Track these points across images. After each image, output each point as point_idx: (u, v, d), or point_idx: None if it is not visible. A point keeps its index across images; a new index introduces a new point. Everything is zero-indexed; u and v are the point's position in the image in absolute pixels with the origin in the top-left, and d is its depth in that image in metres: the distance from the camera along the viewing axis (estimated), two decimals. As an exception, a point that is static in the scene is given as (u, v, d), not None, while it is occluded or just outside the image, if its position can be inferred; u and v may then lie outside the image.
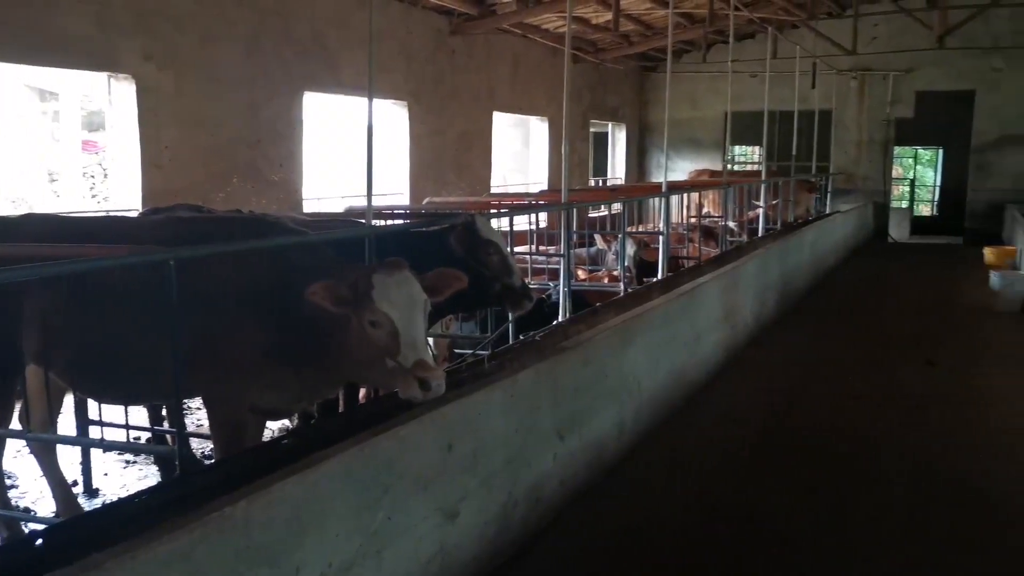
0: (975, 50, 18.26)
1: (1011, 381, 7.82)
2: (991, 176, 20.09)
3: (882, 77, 20.45)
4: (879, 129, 20.94)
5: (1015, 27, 18.01)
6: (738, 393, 7.41)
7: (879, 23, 18.91)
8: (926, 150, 26.59)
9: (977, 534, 4.62)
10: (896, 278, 14.90)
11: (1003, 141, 19.84)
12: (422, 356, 3.35)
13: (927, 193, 27.03)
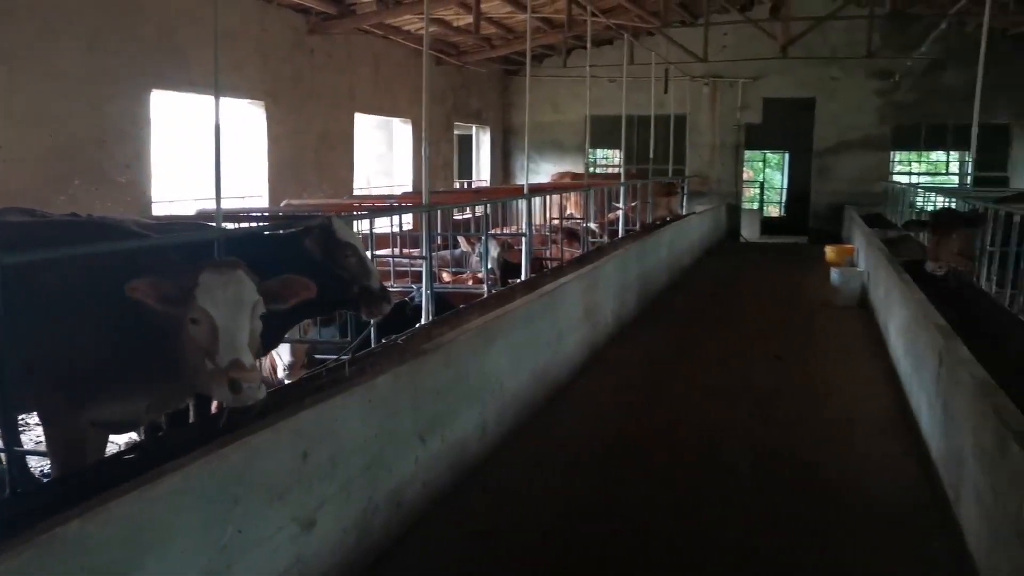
0: (815, 60, 19.39)
1: (848, 372, 8.32)
2: (831, 179, 21.40)
3: (732, 84, 21.42)
4: (730, 134, 21.92)
5: (850, 39, 19.21)
6: (599, 390, 7.57)
7: (728, 32, 19.79)
8: (774, 154, 27.98)
9: (820, 519, 4.88)
10: (747, 276, 15.62)
11: (841, 146, 21.18)
12: (239, 357, 3.21)
13: (775, 195, 28.43)
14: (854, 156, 21.11)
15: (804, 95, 21.13)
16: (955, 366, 4.89)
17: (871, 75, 20.47)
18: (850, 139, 21.07)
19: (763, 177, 28.60)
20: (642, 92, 16.31)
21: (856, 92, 20.75)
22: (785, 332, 10.30)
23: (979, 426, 4.10)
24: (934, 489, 5.12)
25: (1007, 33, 18.56)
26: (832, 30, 19.19)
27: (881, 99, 20.81)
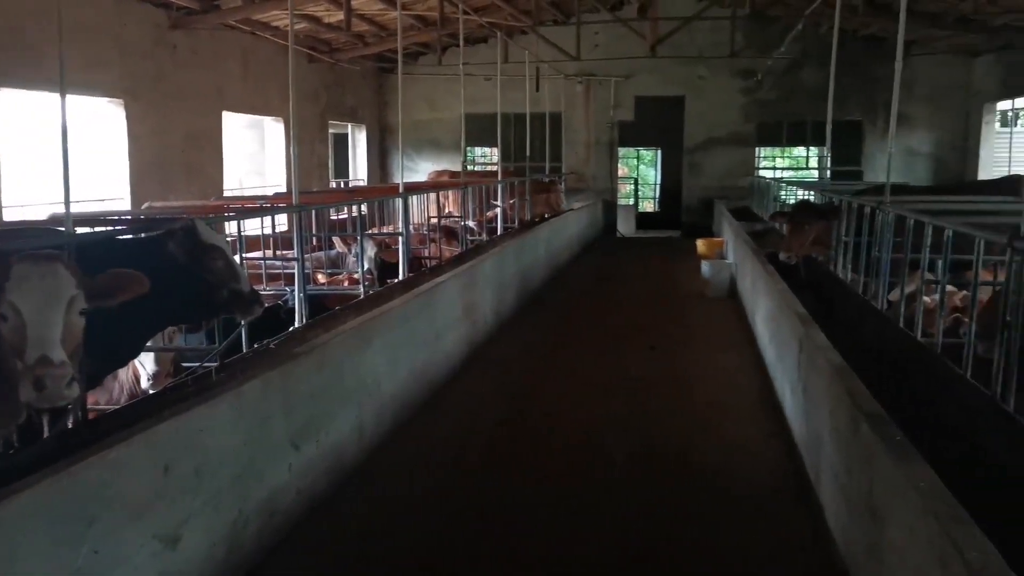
0: (683, 59, 20.02)
1: (719, 360, 8.61)
2: (701, 174, 22.16)
3: (605, 82, 21.85)
4: (604, 131, 22.38)
5: (715, 39, 19.89)
6: (479, 388, 7.58)
7: (600, 32, 20.19)
8: (647, 151, 28.74)
9: (692, 504, 5.03)
10: (624, 270, 15.98)
11: (710, 143, 21.96)
12: (47, 353, 2.99)
13: (650, 191, 29.22)
14: (722, 152, 21.93)
15: (674, 93, 21.79)
16: (813, 352, 5.13)
17: (735, 74, 21.29)
18: (718, 136, 21.87)
19: (637, 173, 29.34)
20: (518, 90, 16.44)
21: (722, 91, 21.56)
22: (660, 323, 10.59)
23: (835, 408, 4.31)
24: (797, 470, 5.36)
25: (858, 34, 19.65)
26: (698, 30, 19.84)
27: (745, 97, 21.67)
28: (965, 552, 2.33)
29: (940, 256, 5.55)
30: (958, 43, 18.52)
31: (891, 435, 3.37)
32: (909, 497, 2.86)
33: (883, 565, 3.20)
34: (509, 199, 14.78)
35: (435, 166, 21.34)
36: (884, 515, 3.21)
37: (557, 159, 22.13)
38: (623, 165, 31.13)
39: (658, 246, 20.42)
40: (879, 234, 7.04)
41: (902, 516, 2.97)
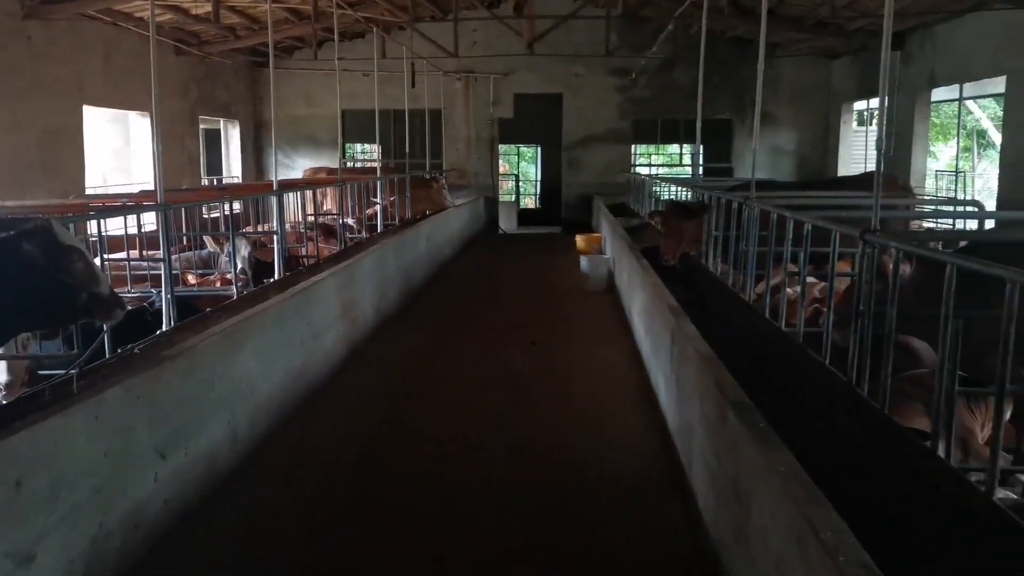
0: (561, 57, 20.30)
1: (597, 354, 8.77)
2: (580, 171, 22.54)
3: (484, 79, 21.92)
4: (485, 128, 22.45)
5: (591, 38, 20.27)
6: (359, 388, 7.47)
7: (478, 29, 20.26)
8: (528, 148, 29.01)
9: (571, 498, 5.08)
10: (506, 267, 16.08)
11: (588, 140, 22.35)
12: None
13: (531, 187, 29.52)
14: (600, 149, 22.36)
15: (552, 91, 22.08)
16: (684, 343, 5.28)
17: (611, 73, 21.74)
18: (595, 133, 22.29)
19: (518, 170, 29.58)
20: (397, 86, 16.31)
21: (599, 89, 21.98)
22: (540, 319, 10.70)
23: (704, 398, 4.45)
24: (671, 459, 5.51)
25: (726, 36, 20.39)
26: (575, 29, 20.15)
27: (621, 96, 22.16)
28: (820, 532, 2.44)
29: (802, 249, 5.81)
30: (818, 46, 19.47)
31: (755, 422, 3.50)
32: (771, 481, 2.98)
33: (749, 547, 3.33)
34: (389, 196, 14.65)
35: (313, 163, 20.93)
36: (749, 499, 3.34)
37: (438, 156, 22.06)
38: (504, 162, 31.33)
39: (539, 242, 20.63)
40: (746, 229, 7.33)
41: (765, 500, 3.09)
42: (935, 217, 9.61)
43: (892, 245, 4.12)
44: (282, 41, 19.86)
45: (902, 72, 16.59)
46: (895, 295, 4.06)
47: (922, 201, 9.82)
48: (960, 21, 14.30)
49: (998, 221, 8.81)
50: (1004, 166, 13.26)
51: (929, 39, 15.61)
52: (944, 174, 19.60)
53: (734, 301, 7.57)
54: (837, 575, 2.23)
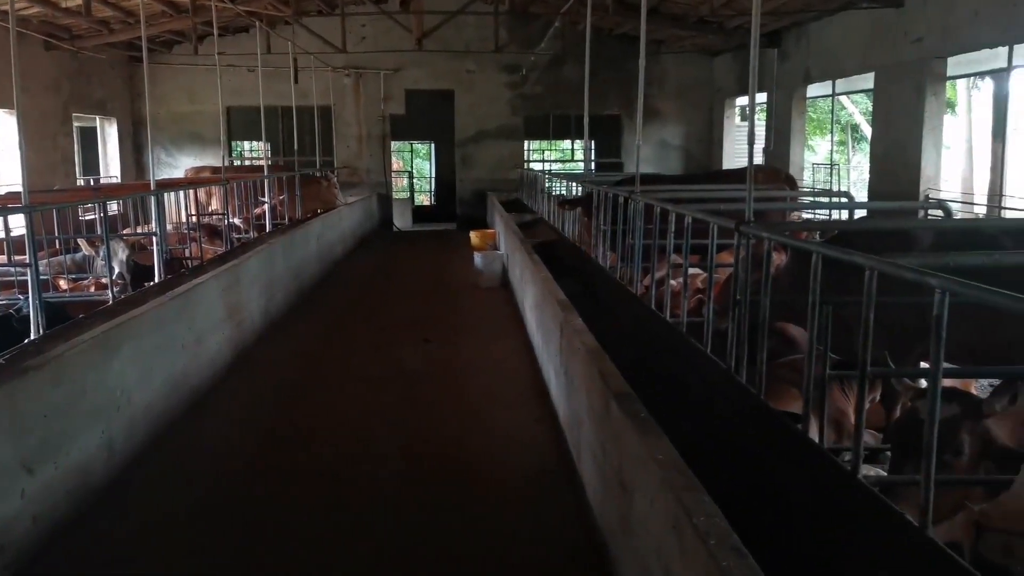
0: (451, 53, 20.23)
1: (491, 349, 8.79)
2: (474, 167, 22.54)
3: (374, 75, 21.66)
4: (376, 124, 22.18)
5: (481, 34, 20.29)
6: (248, 392, 7.28)
7: (367, 24, 20.01)
8: (422, 144, 28.84)
9: (463, 495, 5.08)
10: (400, 264, 15.95)
11: (480, 136, 22.37)
12: None
13: (426, 184, 29.37)
14: (492, 145, 22.41)
15: (443, 87, 21.99)
16: (572, 336, 5.34)
17: (502, 69, 21.81)
18: (488, 129, 22.32)
19: (412, 167, 29.40)
20: (285, 82, 15.96)
21: (490, 85, 22.02)
22: (435, 316, 10.65)
23: (590, 390, 4.51)
24: (562, 451, 5.57)
25: (613, 33, 20.73)
26: (464, 25, 20.13)
27: (512, 92, 22.26)
28: (694, 517, 2.50)
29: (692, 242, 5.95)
30: (700, 43, 20.01)
31: (637, 412, 3.57)
32: (650, 469, 3.04)
33: (633, 535, 3.39)
34: (278, 195, 14.33)
35: (198, 161, 20.27)
36: (632, 488, 3.40)
37: (329, 153, 21.71)
38: (398, 159, 31.08)
39: (434, 239, 20.55)
40: (631, 222, 7.47)
41: (645, 488, 3.15)
42: (812, 208, 10.02)
43: (765, 236, 4.26)
44: (160, 35, 19.14)
45: (779, 69, 17.24)
46: (768, 284, 4.20)
47: (798, 193, 10.23)
48: (831, 20, 14.94)
49: (869, 211, 9.27)
50: (874, 158, 13.94)
51: (803, 37, 16.26)
52: (821, 167, 20.52)
53: (622, 294, 7.72)
54: (708, 558, 2.29)
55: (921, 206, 8.45)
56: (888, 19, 12.93)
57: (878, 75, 13.60)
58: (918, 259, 3.02)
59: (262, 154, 23.22)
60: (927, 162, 12.27)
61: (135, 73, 21.17)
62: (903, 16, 12.59)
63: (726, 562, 2.22)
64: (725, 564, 2.22)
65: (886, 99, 13.46)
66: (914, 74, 12.35)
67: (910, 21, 12.45)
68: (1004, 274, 4.35)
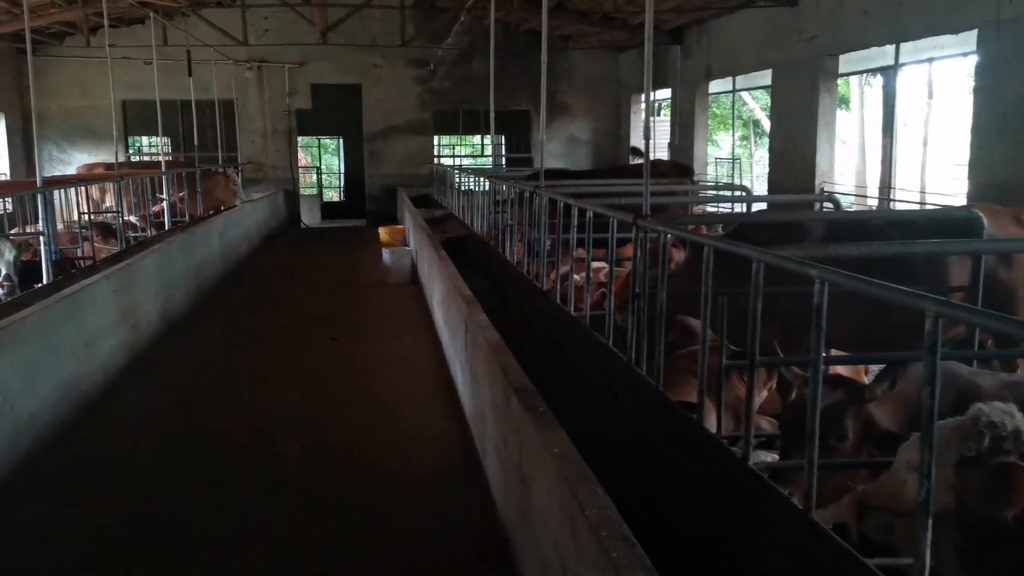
0: (357, 47, 19.98)
1: (399, 346, 8.70)
2: (383, 162, 22.31)
3: (278, 69, 21.20)
4: (282, 119, 21.72)
5: (387, 28, 20.09)
6: (144, 396, 7.02)
7: (269, 16, 19.57)
8: (330, 139, 28.41)
9: (368, 494, 5.02)
10: (307, 262, 15.66)
11: (389, 131, 22.15)
12: None
13: (335, 180, 28.94)
14: (401, 140, 22.22)
15: (350, 82, 21.70)
16: (476, 332, 5.33)
17: (409, 64, 21.64)
18: (396, 124, 22.12)
19: (320, 162, 28.92)
20: (184, 75, 15.44)
21: (398, 79, 21.82)
22: (342, 314, 10.50)
23: (493, 385, 4.51)
24: (468, 447, 5.56)
25: (520, 28, 20.81)
26: (370, 19, 19.92)
27: (421, 86, 22.11)
28: (587, 510, 2.52)
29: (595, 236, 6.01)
30: (607, 39, 20.26)
31: (536, 407, 3.58)
32: (546, 463, 3.05)
33: (533, 529, 3.40)
34: (178, 192, 13.90)
35: (93, 158, 19.50)
36: (531, 482, 3.41)
37: (233, 148, 21.17)
38: (306, 154, 30.54)
39: (343, 235, 20.24)
40: (537, 217, 7.51)
41: (542, 481, 3.16)
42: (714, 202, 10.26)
43: (660, 230, 4.33)
44: (50, 26, 18.32)
45: (682, 65, 17.60)
46: (664, 278, 4.27)
47: (699, 187, 10.47)
48: (731, 18, 15.33)
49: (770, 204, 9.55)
50: (772, 153, 14.37)
51: (705, 34, 16.63)
52: (724, 161, 21.04)
53: (529, 288, 7.76)
54: (599, 550, 2.31)
55: (813, 199, 8.75)
56: (783, 18, 13.34)
57: (775, 72, 14.02)
58: (802, 250, 3.12)
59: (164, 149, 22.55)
60: (822, 156, 12.71)
61: (24, 66, 20.18)
62: (797, 15, 13.01)
63: (616, 553, 2.24)
64: (615, 555, 2.24)
65: (783, 95, 13.89)
66: (808, 71, 12.77)
67: (804, 20, 12.87)
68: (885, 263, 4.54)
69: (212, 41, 17.23)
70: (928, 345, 2.17)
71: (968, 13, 9.39)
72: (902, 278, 5.00)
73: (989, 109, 9.17)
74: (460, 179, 15.29)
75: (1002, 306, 5.23)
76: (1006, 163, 8.86)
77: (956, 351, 3.85)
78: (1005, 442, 2.64)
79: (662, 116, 21.23)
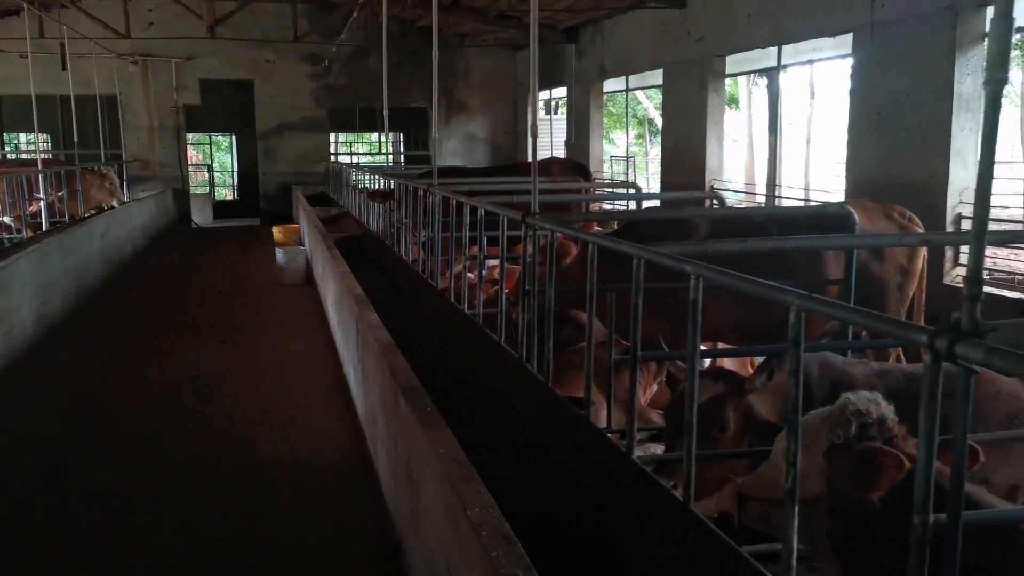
0: (248, 42, 19.46)
1: (293, 348, 8.54)
2: (278, 160, 21.79)
3: (165, 63, 20.46)
4: (169, 115, 20.97)
5: (280, 23, 19.65)
6: (19, 407, 6.69)
7: (154, 8, 18.87)
8: (224, 136, 27.62)
9: (256, 500, 4.91)
10: (198, 263, 15.18)
11: (283, 128, 21.65)
12: None
13: (228, 178, 28.14)
14: (296, 138, 21.75)
15: (241, 77, 21.10)
16: (367, 332, 5.27)
17: (303, 59, 21.21)
18: (291, 121, 21.64)
19: (212, 160, 28.10)
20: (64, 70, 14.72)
21: (291, 75, 21.34)
22: (233, 316, 10.23)
23: (383, 384, 4.46)
24: (361, 449, 5.50)
25: (416, 25, 20.67)
26: (262, 12, 19.44)
27: (315, 83, 21.69)
28: (468, 509, 2.52)
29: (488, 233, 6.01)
30: (503, 37, 20.32)
31: (423, 406, 3.56)
32: (431, 463, 3.04)
33: (421, 530, 3.38)
34: (56, 190, 13.27)
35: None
36: (419, 482, 3.39)
37: (117, 145, 20.33)
38: (197, 151, 29.64)
39: (235, 235, 19.70)
40: (430, 215, 7.48)
41: (428, 481, 3.14)
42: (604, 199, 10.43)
43: (548, 227, 4.37)
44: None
45: (577, 64, 17.82)
46: (552, 275, 4.31)
47: (591, 185, 10.62)
48: (624, 18, 15.60)
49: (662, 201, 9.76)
50: (665, 151, 14.71)
51: (599, 34, 16.88)
52: (620, 159, 21.42)
53: (424, 286, 7.72)
54: (480, 549, 2.31)
55: (700, 196, 8.99)
56: (673, 19, 13.66)
57: (666, 72, 14.34)
58: (681, 247, 3.19)
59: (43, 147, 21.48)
60: (711, 154, 13.08)
61: None
62: (686, 16, 13.34)
63: (495, 552, 2.25)
64: (494, 554, 2.24)
65: (673, 95, 14.22)
66: (697, 71, 13.12)
67: (692, 21, 13.21)
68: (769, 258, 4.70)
69: (93, 34, 16.49)
70: (792, 338, 2.25)
71: (844, 17, 9.81)
72: (784, 272, 5.20)
73: (863, 110, 9.61)
74: (356, 177, 15.10)
75: (875, 298, 5.50)
76: (879, 161, 9.30)
77: (819, 343, 3.99)
78: (871, 428, 2.75)
79: (559, 115, 21.47)
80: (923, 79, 8.52)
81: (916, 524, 1.75)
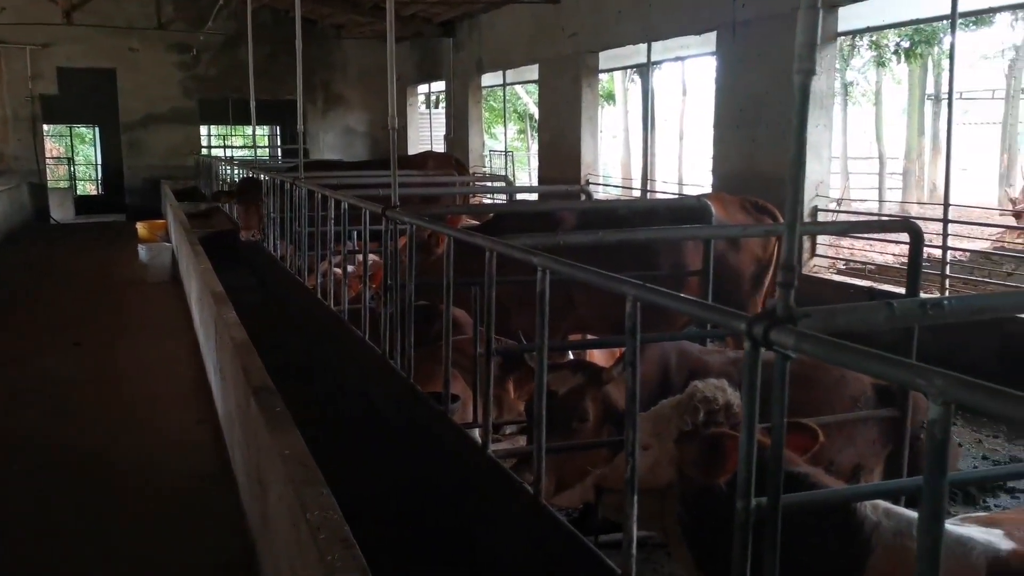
0: (109, 29, 18.53)
1: (155, 349, 8.16)
2: (144, 153, 20.84)
3: (19, 51, 19.25)
4: (24, 105, 19.73)
5: (144, 10, 18.81)
6: None
7: (5, -7, 17.75)
8: (88, 128, 26.25)
9: (109, 511, 4.64)
10: (56, 261, 14.36)
11: (150, 119, 20.72)
12: None
13: (92, 172, 26.79)
14: (164, 130, 20.86)
15: (103, 66, 20.07)
16: (223, 331, 5.07)
17: (170, 48, 20.36)
18: (158, 112, 20.74)
19: (73, 152, 26.69)
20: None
21: (157, 65, 20.43)
22: (92, 317, 9.71)
23: (237, 385, 4.30)
24: (222, 453, 5.29)
25: (289, 14, 20.09)
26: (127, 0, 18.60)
27: (184, 72, 20.85)
28: (308, 512, 2.44)
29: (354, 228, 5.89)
30: (380, 29, 20.02)
31: (273, 407, 3.44)
32: (276, 465, 2.93)
33: (270, 533, 3.27)
34: None
35: None
36: (267, 485, 3.27)
37: (-35, 137, 19.05)
38: (56, 144, 28.09)
39: (98, 231, 18.71)
40: (297, 209, 7.29)
41: (274, 484, 3.04)
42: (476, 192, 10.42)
43: (407, 221, 4.30)
44: None
45: (454, 58, 17.76)
46: (412, 269, 4.25)
47: (464, 179, 10.60)
48: (500, 12, 15.63)
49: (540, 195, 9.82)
50: (542, 145, 14.84)
51: (476, 28, 16.86)
52: (500, 154, 21.50)
53: (292, 283, 7.52)
54: (316, 552, 2.23)
55: (568, 191, 9.09)
56: (548, 14, 13.77)
57: (542, 67, 14.45)
58: (532, 239, 3.18)
59: None
60: (586, 149, 13.26)
61: None
62: (560, 12, 13.47)
63: (331, 555, 2.17)
64: (330, 558, 2.17)
65: (549, 90, 14.35)
66: (571, 67, 13.27)
67: (566, 17, 13.35)
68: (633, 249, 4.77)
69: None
70: (628, 328, 2.26)
71: (708, 16, 10.10)
72: (649, 264, 5.29)
73: (727, 106, 9.93)
74: (226, 171, 14.61)
75: (732, 286, 5.67)
76: (743, 156, 9.63)
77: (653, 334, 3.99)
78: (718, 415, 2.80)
79: (439, 109, 21.38)
80: (780, 77, 8.85)
81: (739, 508, 1.77)
